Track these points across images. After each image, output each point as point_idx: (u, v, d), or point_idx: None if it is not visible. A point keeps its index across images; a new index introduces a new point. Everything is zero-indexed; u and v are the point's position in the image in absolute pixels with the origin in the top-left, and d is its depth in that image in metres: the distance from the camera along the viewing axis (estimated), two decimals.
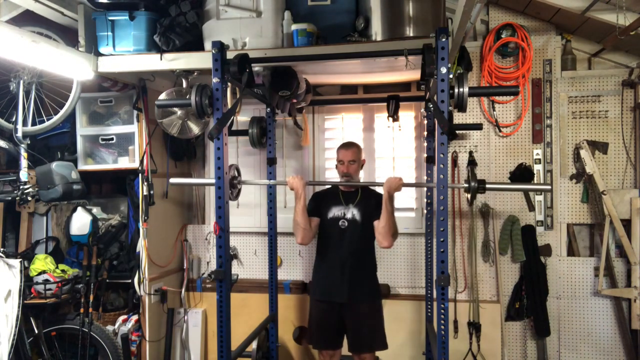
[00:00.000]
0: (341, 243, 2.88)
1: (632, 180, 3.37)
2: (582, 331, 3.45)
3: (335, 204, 2.93)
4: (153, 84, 3.47)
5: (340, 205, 2.92)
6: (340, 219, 2.90)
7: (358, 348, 2.87)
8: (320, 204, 2.96)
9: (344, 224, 2.88)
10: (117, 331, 3.46)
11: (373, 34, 2.73)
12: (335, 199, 2.95)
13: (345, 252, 2.87)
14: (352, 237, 2.87)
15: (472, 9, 2.15)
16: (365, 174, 3.74)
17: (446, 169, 2.25)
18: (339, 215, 2.90)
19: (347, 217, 2.89)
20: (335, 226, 2.89)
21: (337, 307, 2.88)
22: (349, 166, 2.89)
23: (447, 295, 2.26)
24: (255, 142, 3.49)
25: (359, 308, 2.86)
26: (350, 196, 2.94)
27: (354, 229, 2.87)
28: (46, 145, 3.66)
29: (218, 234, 2.50)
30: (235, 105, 2.58)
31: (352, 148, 2.94)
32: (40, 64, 2.77)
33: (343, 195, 2.95)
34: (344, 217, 2.89)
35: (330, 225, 2.91)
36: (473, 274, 3.54)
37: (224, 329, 2.52)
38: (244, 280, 3.90)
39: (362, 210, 2.89)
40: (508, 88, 3.28)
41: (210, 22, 2.88)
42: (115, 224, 3.66)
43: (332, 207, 2.93)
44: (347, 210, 2.90)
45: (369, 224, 2.85)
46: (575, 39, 3.42)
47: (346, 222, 2.88)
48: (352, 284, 2.84)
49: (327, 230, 2.93)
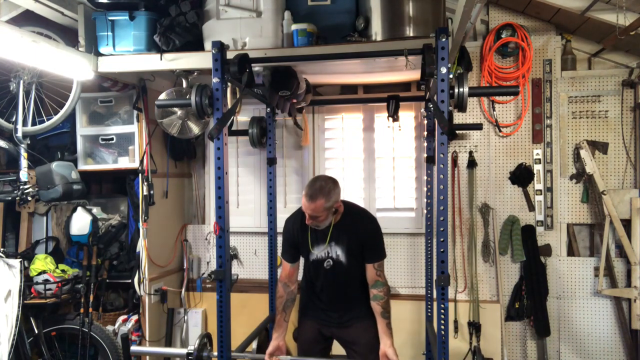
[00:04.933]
0: (330, 282, 2.61)
1: (632, 180, 3.37)
2: (582, 331, 3.45)
3: (314, 242, 2.58)
4: (153, 84, 3.47)
5: (319, 244, 2.57)
6: (324, 260, 2.58)
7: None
8: (298, 245, 2.63)
9: (329, 264, 2.57)
10: (117, 331, 3.46)
11: (373, 34, 2.73)
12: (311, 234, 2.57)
13: (336, 291, 2.63)
14: (338, 277, 2.58)
15: (472, 9, 2.14)
16: (365, 174, 3.74)
17: (446, 169, 2.25)
18: (323, 256, 2.58)
19: (331, 255, 2.57)
20: (321, 267, 2.59)
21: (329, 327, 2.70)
22: (313, 219, 2.45)
23: (447, 295, 2.26)
24: (255, 142, 3.49)
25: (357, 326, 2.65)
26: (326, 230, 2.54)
27: (340, 270, 2.57)
28: (46, 145, 3.66)
29: (218, 234, 2.50)
30: (235, 105, 2.58)
31: (316, 201, 2.38)
32: (40, 64, 2.76)
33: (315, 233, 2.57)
34: (328, 257, 2.57)
35: (314, 267, 2.62)
36: (473, 274, 3.53)
37: (224, 329, 2.51)
38: (244, 280, 3.90)
39: (346, 249, 2.54)
40: (508, 88, 3.28)
41: (210, 22, 2.88)
42: (115, 224, 3.66)
43: (313, 248, 2.59)
44: (330, 248, 2.56)
45: (357, 263, 2.56)
46: (575, 39, 3.42)
47: (331, 261, 2.57)
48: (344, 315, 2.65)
49: (312, 269, 2.64)
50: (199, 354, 2.58)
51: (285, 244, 2.69)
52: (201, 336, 2.66)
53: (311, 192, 2.39)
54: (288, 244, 2.67)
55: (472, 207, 3.53)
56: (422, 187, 3.59)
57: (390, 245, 3.71)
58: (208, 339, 2.71)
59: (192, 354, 2.56)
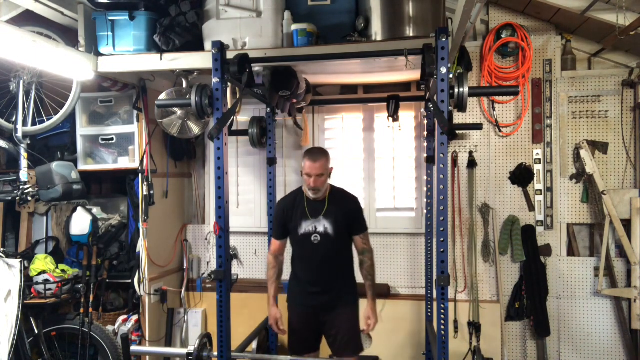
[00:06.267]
0: (315, 256, 2.77)
1: (632, 180, 3.37)
2: (582, 331, 3.45)
3: (303, 217, 2.76)
4: (153, 84, 3.47)
5: (308, 219, 2.75)
6: (312, 234, 2.74)
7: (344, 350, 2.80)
8: (287, 223, 2.80)
9: (317, 239, 2.74)
10: (117, 331, 3.46)
11: (373, 34, 2.74)
12: (301, 210, 2.77)
13: (321, 266, 2.77)
14: (326, 252, 2.75)
15: (472, 9, 2.15)
16: (365, 174, 3.74)
17: (446, 169, 2.25)
18: (310, 230, 2.74)
19: (318, 230, 2.74)
20: (308, 242, 2.74)
21: (316, 313, 2.82)
22: (317, 180, 2.66)
23: (447, 295, 2.26)
24: (255, 142, 3.49)
25: (340, 312, 2.80)
26: (318, 205, 2.76)
27: (327, 243, 2.74)
28: (46, 145, 3.67)
29: (218, 234, 2.50)
30: (235, 105, 2.58)
31: (320, 160, 2.68)
32: (40, 64, 2.76)
33: (309, 205, 2.76)
34: (316, 232, 2.74)
35: (302, 242, 2.77)
36: (473, 274, 3.53)
37: (224, 329, 2.52)
38: (244, 280, 3.90)
39: (334, 223, 2.73)
40: (508, 88, 3.28)
41: (210, 22, 2.88)
42: (115, 224, 3.66)
43: (302, 222, 2.75)
44: (318, 223, 2.74)
45: (343, 236, 2.77)
46: (575, 39, 3.42)
47: (319, 236, 2.73)
48: (331, 294, 2.79)
49: (300, 245, 2.80)
50: (199, 354, 2.59)
51: (275, 224, 2.90)
52: (201, 336, 2.67)
53: (314, 155, 2.70)
54: (278, 223, 2.86)
55: (472, 207, 3.53)
56: (422, 187, 3.60)
57: (390, 245, 3.71)
58: (208, 339, 2.71)
59: (192, 354, 2.56)
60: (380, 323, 3.57)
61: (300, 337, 2.90)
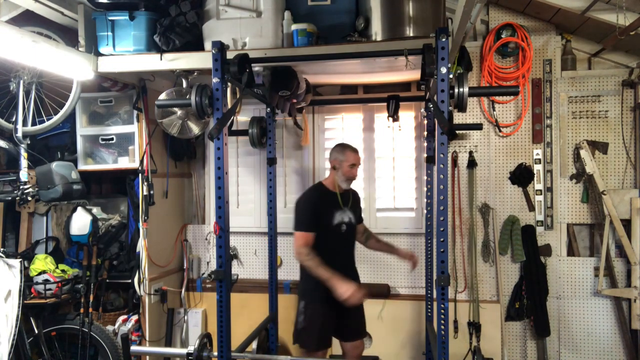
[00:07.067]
0: (342, 245, 2.97)
1: (632, 180, 3.37)
2: (582, 331, 3.45)
3: (336, 208, 2.93)
4: (153, 84, 3.47)
5: (340, 209, 2.94)
6: (342, 224, 2.93)
7: (356, 335, 3.03)
8: (322, 216, 2.88)
9: (344, 228, 2.94)
10: (117, 331, 3.46)
11: (373, 34, 2.73)
12: (334, 202, 2.93)
13: (345, 253, 3.01)
14: (349, 239, 3.02)
15: (472, 9, 2.15)
16: (366, 174, 3.74)
17: (446, 169, 2.25)
18: (341, 220, 2.93)
19: (345, 220, 2.94)
20: (338, 231, 2.92)
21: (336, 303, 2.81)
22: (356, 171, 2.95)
23: (447, 295, 2.26)
24: (255, 142, 3.49)
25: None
26: (346, 198, 2.99)
27: (350, 231, 2.99)
28: (46, 145, 3.66)
29: (218, 234, 2.50)
30: (235, 105, 2.58)
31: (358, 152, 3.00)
32: (40, 64, 2.76)
33: (342, 197, 2.96)
34: (344, 222, 2.94)
35: (333, 231, 2.92)
36: (473, 274, 3.54)
37: (224, 329, 2.52)
38: (244, 280, 3.90)
39: (354, 213, 3.02)
40: (508, 88, 3.28)
41: (210, 22, 2.88)
42: (115, 224, 3.66)
43: (335, 213, 2.92)
44: (345, 214, 2.95)
45: (356, 225, 3.06)
46: (575, 39, 3.42)
47: (345, 225, 2.94)
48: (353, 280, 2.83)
49: (330, 234, 2.90)
50: (199, 354, 2.59)
51: (311, 217, 2.85)
52: (201, 336, 2.67)
53: (352, 147, 2.97)
54: (314, 216, 2.85)
55: (472, 207, 3.53)
56: (422, 187, 3.60)
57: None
58: (208, 339, 2.71)
59: (192, 354, 2.56)
60: (380, 323, 3.60)
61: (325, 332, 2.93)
